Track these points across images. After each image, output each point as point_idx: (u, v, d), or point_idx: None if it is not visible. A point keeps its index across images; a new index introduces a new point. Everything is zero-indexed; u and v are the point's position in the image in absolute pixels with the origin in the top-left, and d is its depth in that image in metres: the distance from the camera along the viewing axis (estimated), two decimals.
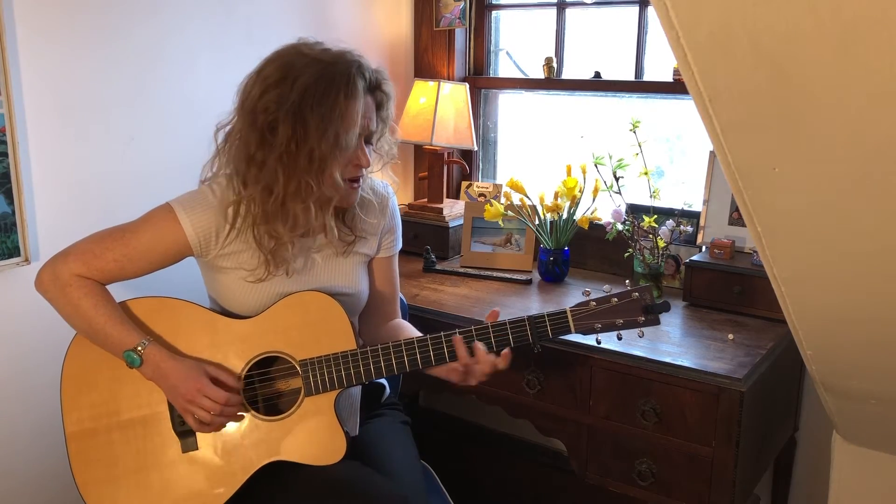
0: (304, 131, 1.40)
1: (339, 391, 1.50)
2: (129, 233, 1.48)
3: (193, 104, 2.07)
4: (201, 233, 1.48)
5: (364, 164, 1.48)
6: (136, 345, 1.44)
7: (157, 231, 1.48)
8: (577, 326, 1.48)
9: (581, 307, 1.49)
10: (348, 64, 1.43)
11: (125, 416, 1.49)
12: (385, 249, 1.70)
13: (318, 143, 1.40)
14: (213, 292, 1.60)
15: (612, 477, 1.84)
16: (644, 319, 1.48)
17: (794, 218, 1.17)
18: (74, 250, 1.48)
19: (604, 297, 1.49)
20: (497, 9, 2.66)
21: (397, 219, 1.72)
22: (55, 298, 1.47)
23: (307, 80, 1.40)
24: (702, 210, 2.15)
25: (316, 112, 1.39)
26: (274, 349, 1.51)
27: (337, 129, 1.40)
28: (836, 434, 1.88)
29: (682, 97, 2.28)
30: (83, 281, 1.46)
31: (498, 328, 1.49)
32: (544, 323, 1.48)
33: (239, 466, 1.48)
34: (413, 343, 1.49)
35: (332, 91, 1.40)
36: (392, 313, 1.75)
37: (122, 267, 1.48)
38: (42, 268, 1.48)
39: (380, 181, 1.69)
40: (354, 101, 1.41)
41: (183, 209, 1.48)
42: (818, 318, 1.40)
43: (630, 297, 1.48)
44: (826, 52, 0.87)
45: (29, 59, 1.73)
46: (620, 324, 1.48)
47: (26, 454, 1.85)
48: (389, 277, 1.73)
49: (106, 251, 1.47)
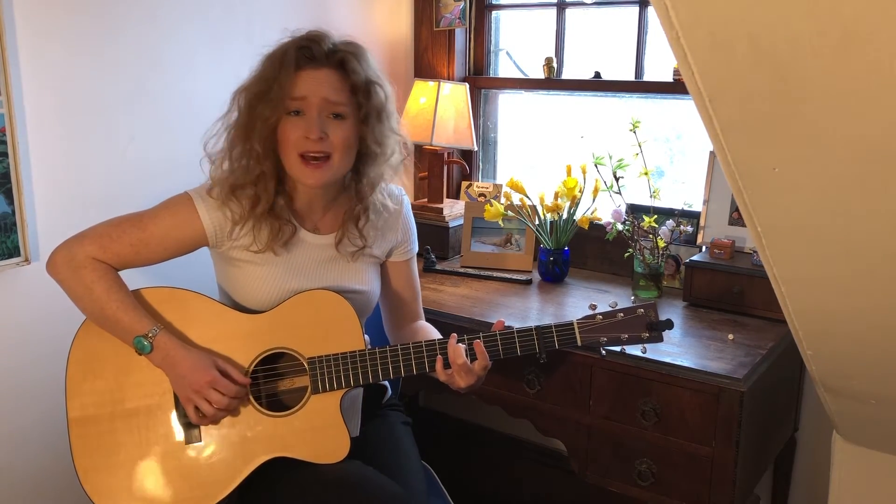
0: (244, 100, 1.48)
1: (346, 390, 1.50)
2: (147, 218, 1.50)
3: (193, 104, 2.07)
4: (217, 223, 1.50)
5: (311, 134, 1.44)
6: (147, 331, 1.44)
7: (175, 218, 1.49)
8: (584, 339, 1.51)
9: (587, 320, 1.52)
10: (293, 38, 1.49)
11: (129, 405, 1.49)
12: (401, 254, 1.70)
13: (257, 105, 1.45)
14: (224, 285, 1.60)
15: (612, 477, 1.84)
16: (648, 336, 1.51)
17: (794, 218, 1.17)
18: (91, 233, 1.48)
19: (610, 311, 1.52)
20: (497, 9, 2.66)
21: (411, 224, 1.71)
22: (67, 279, 1.47)
23: (260, 60, 1.50)
24: (702, 210, 2.15)
25: (255, 78, 1.48)
26: (282, 345, 1.51)
27: (268, 93, 1.44)
28: (836, 434, 1.88)
29: (682, 97, 2.28)
30: (97, 264, 1.46)
31: (506, 336, 1.50)
32: (551, 334, 1.51)
33: (241, 461, 1.48)
34: (421, 346, 1.50)
35: (270, 60, 1.47)
36: (414, 315, 1.75)
37: (137, 252, 1.48)
38: (56, 249, 1.48)
39: (395, 186, 1.68)
40: (287, 67, 1.45)
41: (201, 199, 1.50)
42: (818, 318, 1.40)
43: (635, 313, 1.51)
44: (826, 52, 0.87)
45: (29, 59, 1.73)
46: (625, 339, 1.51)
47: (26, 452, 1.85)
48: (409, 280, 1.73)
49: (123, 234, 1.48)
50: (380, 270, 1.69)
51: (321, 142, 1.45)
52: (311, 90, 1.45)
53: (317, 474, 1.46)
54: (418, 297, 1.76)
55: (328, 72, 1.47)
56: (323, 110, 1.46)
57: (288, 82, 1.44)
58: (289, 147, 1.46)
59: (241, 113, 1.49)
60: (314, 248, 1.57)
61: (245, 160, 1.49)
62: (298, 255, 1.56)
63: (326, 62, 1.47)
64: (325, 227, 1.60)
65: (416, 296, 1.75)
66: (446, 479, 1.84)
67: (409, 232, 1.70)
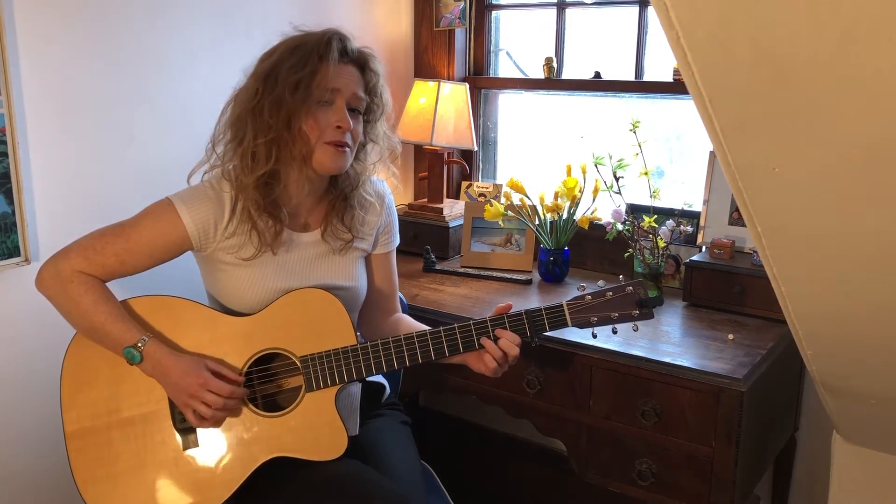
0: (274, 83, 1.46)
1: (340, 387, 1.50)
2: (129, 227, 1.50)
3: (193, 104, 2.07)
4: (200, 225, 1.49)
5: (345, 125, 1.49)
6: (136, 341, 1.45)
7: (157, 224, 1.49)
8: (574, 320, 1.50)
9: (577, 301, 1.51)
10: (325, 32, 1.51)
11: (125, 414, 1.49)
12: (382, 245, 1.71)
13: (286, 93, 1.45)
14: (212, 290, 1.60)
15: (612, 477, 1.84)
16: (638, 313, 1.50)
17: (794, 218, 1.17)
18: (75, 247, 1.49)
19: (599, 291, 1.52)
20: (497, 9, 2.66)
21: (394, 215, 1.73)
22: (56, 296, 1.47)
23: (283, 49, 1.49)
24: (702, 210, 2.15)
25: (286, 66, 1.46)
26: (274, 346, 1.51)
27: (308, 82, 1.46)
28: (836, 434, 1.88)
29: (682, 97, 2.28)
30: (84, 277, 1.46)
31: (496, 322, 1.50)
32: (541, 316, 1.50)
33: (240, 463, 1.48)
34: (413, 338, 1.50)
35: (305, 51, 1.48)
36: (392, 308, 1.76)
37: (122, 261, 1.48)
38: (43, 266, 1.49)
39: (377, 179, 1.70)
40: (327, 60, 1.47)
41: (182, 202, 1.49)
42: (818, 318, 1.40)
43: (624, 291, 1.50)
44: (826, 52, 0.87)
45: (29, 59, 1.73)
46: (616, 317, 1.50)
47: (25, 455, 1.85)
48: (388, 273, 1.74)
49: (107, 246, 1.48)
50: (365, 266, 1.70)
51: (347, 132, 1.51)
52: (344, 84, 1.50)
53: (316, 475, 1.46)
54: (397, 291, 1.79)
55: (354, 69, 1.53)
56: (349, 103, 1.51)
57: (329, 73, 1.47)
58: (316, 134, 1.48)
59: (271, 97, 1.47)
60: (302, 245, 1.58)
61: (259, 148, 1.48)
62: (285, 254, 1.57)
63: (355, 59, 1.54)
64: (313, 223, 1.61)
65: (396, 289, 1.78)
66: (446, 479, 1.84)
67: (391, 222, 1.72)
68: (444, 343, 1.50)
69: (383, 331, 1.70)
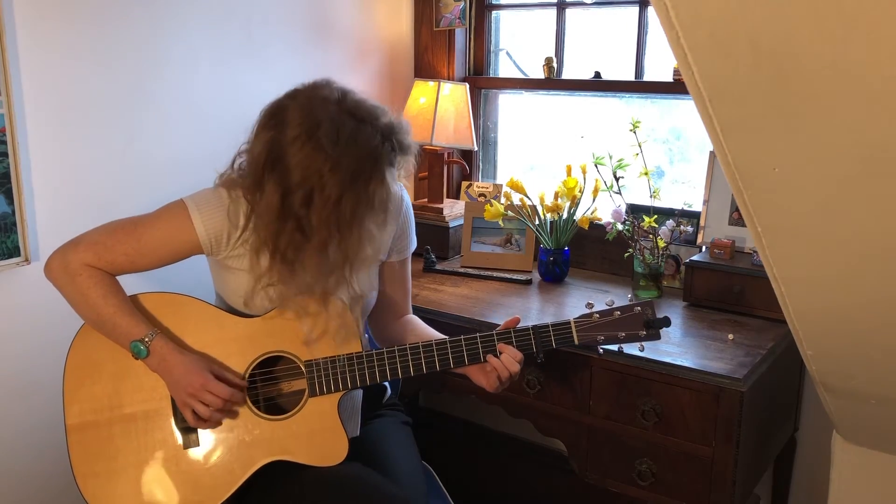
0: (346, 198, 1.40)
1: (343, 393, 1.50)
2: (142, 227, 1.49)
3: (193, 104, 2.06)
4: (213, 234, 1.48)
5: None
6: (143, 336, 1.44)
7: (169, 228, 1.48)
8: (581, 338, 1.51)
9: (584, 319, 1.51)
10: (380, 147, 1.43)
11: (127, 410, 1.49)
12: (397, 253, 1.69)
13: (354, 207, 1.40)
14: (220, 290, 1.60)
15: (612, 477, 1.84)
16: (645, 333, 1.51)
17: (794, 218, 1.17)
18: (86, 240, 1.48)
19: (607, 310, 1.52)
20: (497, 9, 2.66)
21: (411, 219, 1.71)
22: (64, 286, 1.47)
23: (347, 163, 1.38)
24: (702, 210, 2.15)
25: (353, 190, 1.40)
26: (279, 349, 1.51)
27: (372, 201, 1.42)
28: (836, 434, 1.88)
29: (682, 97, 2.28)
30: (93, 271, 1.46)
31: (503, 337, 1.50)
32: (548, 333, 1.51)
33: (239, 464, 1.48)
34: (419, 349, 1.51)
35: (365, 174, 1.41)
36: (403, 311, 1.75)
37: (132, 261, 1.48)
38: (52, 255, 1.48)
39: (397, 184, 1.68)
40: (384, 182, 1.43)
41: (196, 208, 1.47)
42: (818, 318, 1.40)
43: (633, 311, 1.51)
44: (826, 52, 0.87)
45: (29, 59, 1.73)
46: (622, 337, 1.51)
47: (26, 453, 1.85)
48: (401, 279, 1.73)
49: (117, 244, 1.47)
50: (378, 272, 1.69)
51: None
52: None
53: (316, 476, 1.46)
54: (410, 294, 1.77)
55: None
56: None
57: (384, 189, 1.45)
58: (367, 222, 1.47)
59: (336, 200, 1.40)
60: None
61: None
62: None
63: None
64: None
65: (409, 293, 1.77)
66: (446, 479, 1.84)
67: (407, 226, 1.69)
68: (450, 356, 1.51)
69: (392, 332, 1.70)
